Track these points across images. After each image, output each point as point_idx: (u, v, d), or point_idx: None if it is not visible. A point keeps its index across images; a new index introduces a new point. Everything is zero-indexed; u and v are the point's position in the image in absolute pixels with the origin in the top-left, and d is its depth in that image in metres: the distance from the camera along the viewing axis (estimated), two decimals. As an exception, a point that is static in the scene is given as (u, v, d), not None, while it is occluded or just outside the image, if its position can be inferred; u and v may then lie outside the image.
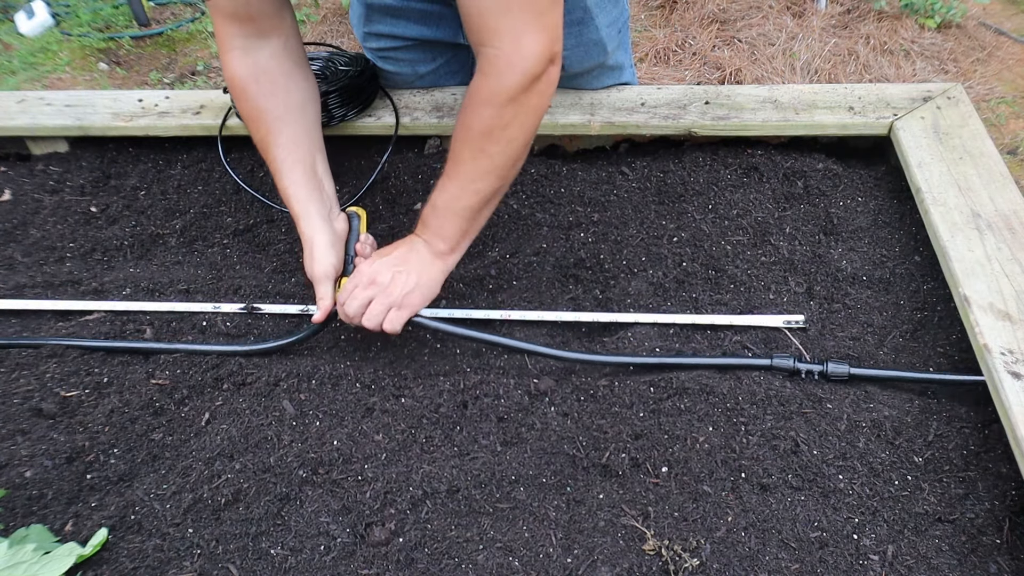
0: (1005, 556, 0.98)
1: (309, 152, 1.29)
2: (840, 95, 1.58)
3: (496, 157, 1.13)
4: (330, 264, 1.23)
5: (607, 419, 1.15)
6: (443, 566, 1.00)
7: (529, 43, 1.06)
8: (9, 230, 1.55)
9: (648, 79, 3.37)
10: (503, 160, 1.14)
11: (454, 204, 1.17)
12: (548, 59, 1.08)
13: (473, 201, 1.16)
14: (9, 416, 1.18)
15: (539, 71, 1.08)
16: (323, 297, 1.23)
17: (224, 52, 1.25)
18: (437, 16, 1.52)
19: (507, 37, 1.06)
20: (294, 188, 1.25)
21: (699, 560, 0.99)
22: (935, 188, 1.36)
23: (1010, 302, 1.15)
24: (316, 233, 1.23)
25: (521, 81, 1.07)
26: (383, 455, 1.13)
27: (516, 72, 1.07)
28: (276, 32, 1.25)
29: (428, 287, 1.20)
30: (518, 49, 1.06)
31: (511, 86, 1.08)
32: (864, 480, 1.06)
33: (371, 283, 1.18)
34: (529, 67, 1.07)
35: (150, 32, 3.90)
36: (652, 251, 1.42)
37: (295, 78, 1.29)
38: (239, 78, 1.25)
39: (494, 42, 1.07)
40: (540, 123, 1.15)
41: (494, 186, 1.16)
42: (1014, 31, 3.59)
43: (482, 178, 1.15)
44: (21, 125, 1.66)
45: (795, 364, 1.18)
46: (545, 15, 1.07)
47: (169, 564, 1.02)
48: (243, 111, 1.29)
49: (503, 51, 1.07)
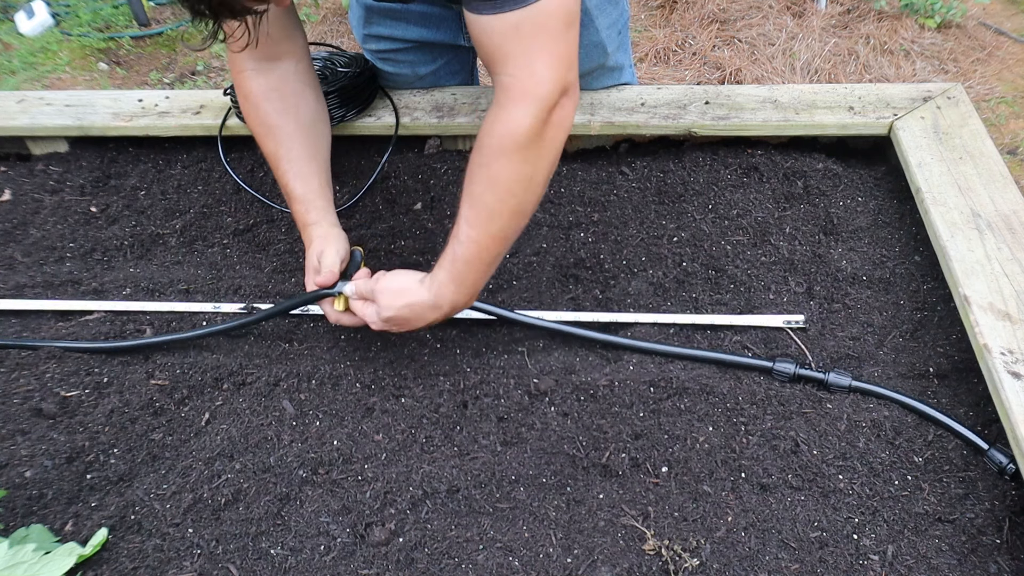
0: (1005, 556, 0.98)
1: (322, 167, 1.30)
2: (840, 95, 1.58)
3: (521, 196, 1.10)
4: (345, 248, 1.24)
5: (607, 419, 1.15)
6: (443, 566, 1.00)
7: (542, 69, 1.03)
8: (9, 230, 1.55)
9: (648, 79, 3.37)
10: (528, 197, 1.11)
11: (483, 255, 1.12)
12: (562, 89, 1.04)
13: (495, 247, 1.12)
14: (9, 416, 1.18)
15: (553, 100, 1.04)
16: (329, 266, 1.21)
17: (237, 73, 1.26)
18: (437, 18, 1.52)
19: (520, 62, 1.03)
20: (311, 196, 1.26)
21: (699, 560, 0.99)
22: (935, 188, 1.36)
23: (1010, 302, 1.15)
24: (329, 244, 1.23)
25: (537, 115, 1.03)
26: (383, 455, 1.13)
27: (529, 101, 1.03)
28: (288, 55, 1.27)
29: (423, 319, 1.17)
30: (531, 75, 1.03)
31: (528, 125, 1.03)
32: (864, 480, 1.06)
33: (388, 322, 1.16)
34: (544, 93, 1.03)
35: (150, 32, 3.90)
36: (652, 251, 1.42)
37: (306, 97, 1.30)
38: (252, 94, 1.26)
39: (507, 68, 1.05)
40: (561, 154, 1.11)
41: (518, 225, 1.13)
42: (1014, 31, 3.59)
43: (509, 221, 1.11)
44: (21, 125, 1.66)
45: (796, 371, 1.18)
46: (559, 41, 1.03)
47: (169, 564, 1.02)
48: (254, 126, 1.30)
49: (516, 78, 1.04)
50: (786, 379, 1.19)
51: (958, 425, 1.11)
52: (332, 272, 1.21)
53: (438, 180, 1.56)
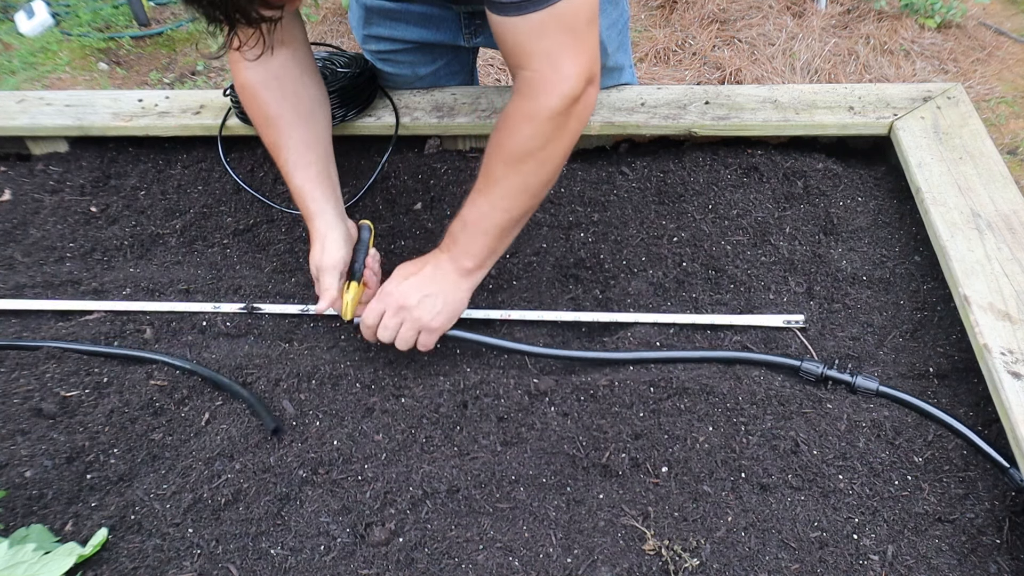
0: (1005, 556, 0.98)
1: (322, 155, 1.28)
2: (840, 95, 1.58)
3: (530, 176, 1.11)
4: (340, 258, 1.22)
5: (607, 419, 1.15)
6: (443, 566, 1.00)
7: (568, 65, 1.05)
8: (9, 230, 1.55)
9: (648, 79, 3.37)
10: (536, 180, 1.12)
11: (484, 222, 1.14)
12: (587, 80, 1.06)
13: (504, 220, 1.14)
14: (9, 416, 1.18)
15: (578, 93, 1.06)
16: (328, 288, 1.21)
17: (234, 62, 1.25)
18: (437, 19, 1.52)
19: (545, 60, 1.05)
20: (310, 186, 1.25)
21: (699, 560, 0.99)
22: (935, 188, 1.36)
23: (1010, 302, 1.15)
24: (330, 229, 1.22)
25: (560, 103, 1.06)
26: (383, 455, 1.13)
27: (555, 94, 1.05)
28: (287, 43, 1.25)
29: (455, 307, 1.19)
30: (557, 71, 1.04)
31: (551, 107, 1.06)
32: (864, 480, 1.06)
33: (400, 307, 1.17)
34: (568, 89, 1.05)
35: (150, 32, 3.90)
36: (652, 251, 1.42)
37: (305, 84, 1.29)
38: (250, 84, 1.25)
39: (532, 65, 1.06)
40: (574, 147, 1.14)
41: (526, 205, 1.15)
42: (1014, 31, 3.60)
43: (515, 196, 1.13)
44: (21, 125, 1.66)
45: (824, 371, 1.18)
46: (583, 37, 1.05)
47: (169, 564, 1.02)
48: (254, 116, 1.29)
49: (542, 73, 1.05)
50: (812, 380, 1.18)
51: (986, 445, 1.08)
52: (330, 295, 1.20)
53: (438, 180, 1.56)
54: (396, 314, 1.17)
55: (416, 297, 1.16)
